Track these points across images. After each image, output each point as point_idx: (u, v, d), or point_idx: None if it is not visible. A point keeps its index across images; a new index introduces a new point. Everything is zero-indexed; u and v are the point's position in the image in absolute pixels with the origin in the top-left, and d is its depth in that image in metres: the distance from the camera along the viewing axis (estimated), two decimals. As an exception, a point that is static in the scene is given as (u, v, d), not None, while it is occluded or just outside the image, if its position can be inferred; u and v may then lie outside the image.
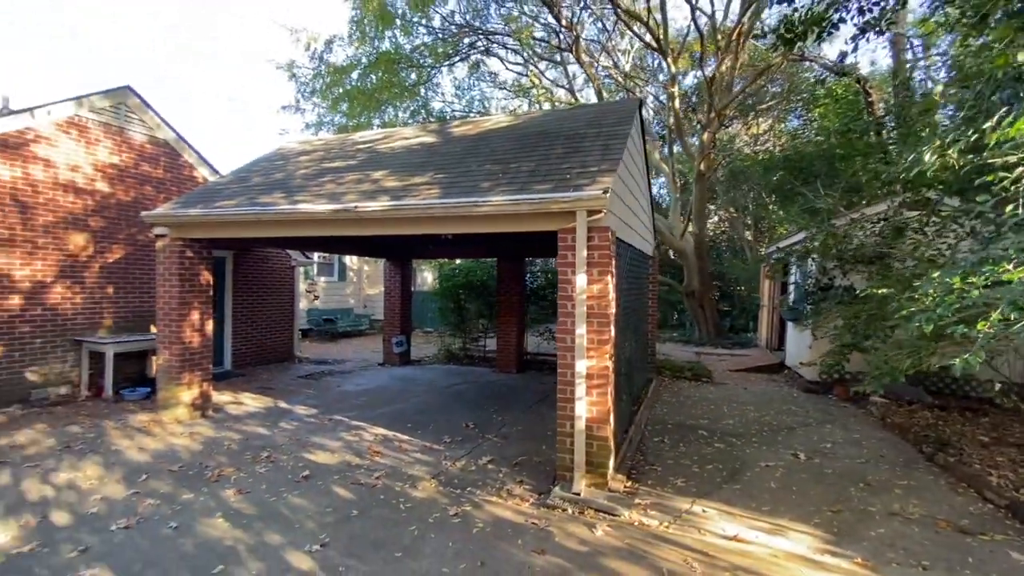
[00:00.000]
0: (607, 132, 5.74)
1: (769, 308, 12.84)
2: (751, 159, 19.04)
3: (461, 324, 12.19)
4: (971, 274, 2.95)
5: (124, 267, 8.15)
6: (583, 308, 4.43)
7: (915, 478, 4.87)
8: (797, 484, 4.71)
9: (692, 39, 13.40)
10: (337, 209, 5.25)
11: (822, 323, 8.30)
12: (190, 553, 3.37)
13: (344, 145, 8.14)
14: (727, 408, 7.58)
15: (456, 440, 5.82)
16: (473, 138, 6.78)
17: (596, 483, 4.47)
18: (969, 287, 2.86)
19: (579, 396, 4.45)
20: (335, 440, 5.77)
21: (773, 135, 22.33)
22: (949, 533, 3.79)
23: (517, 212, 4.59)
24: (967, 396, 7.52)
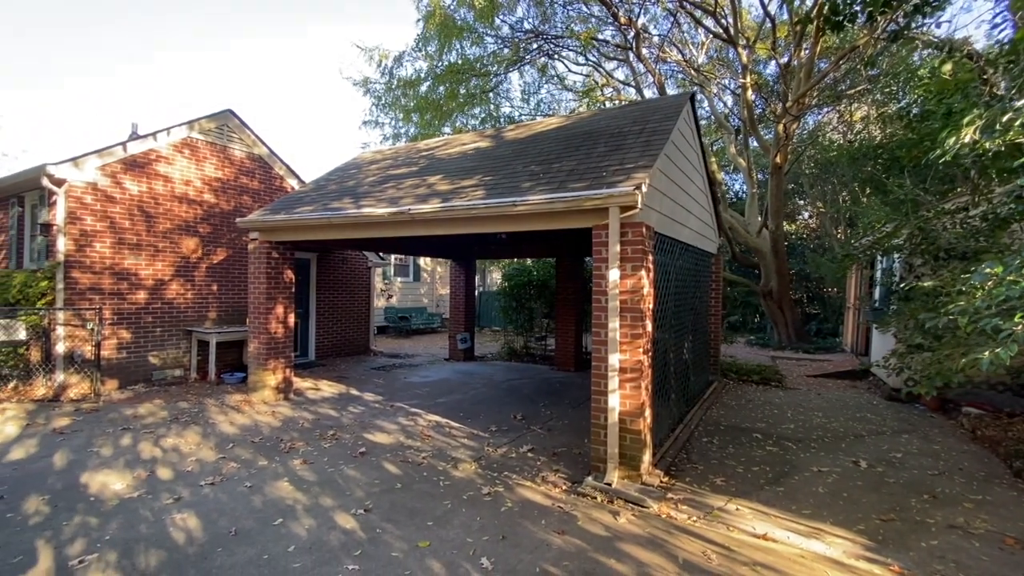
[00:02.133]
0: (650, 129, 5.75)
1: (854, 310, 11.85)
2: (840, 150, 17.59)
3: (523, 322, 12.48)
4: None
5: (226, 267, 9.34)
6: (616, 303, 4.53)
7: (993, 493, 4.41)
8: (849, 491, 4.45)
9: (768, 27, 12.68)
10: (393, 212, 5.74)
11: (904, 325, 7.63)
12: (257, 507, 3.93)
13: (409, 153, 8.76)
14: (791, 413, 7.20)
15: (502, 429, 6.10)
16: (523, 141, 7.05)
17: (629, 476, 4.53)
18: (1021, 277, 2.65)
19: (612, 389, 4.54)
20: (393, 424, 6.28)
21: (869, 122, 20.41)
22: (1016, 551, 3.44)
23: (552, 210, 4.78)
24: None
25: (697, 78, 15.59)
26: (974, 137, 2.87)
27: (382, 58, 14.88)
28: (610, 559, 3.27)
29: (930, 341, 4.98)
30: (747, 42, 12.83)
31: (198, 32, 58.04)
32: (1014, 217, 6.01)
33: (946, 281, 4.27)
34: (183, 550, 3.32)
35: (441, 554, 3.30)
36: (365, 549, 3.35)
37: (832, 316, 17.97)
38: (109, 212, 7.82)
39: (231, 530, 3.57)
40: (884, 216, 7.85)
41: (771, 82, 17.66)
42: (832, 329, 17.16)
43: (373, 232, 6.24)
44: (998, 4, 14.81)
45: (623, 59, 15.16)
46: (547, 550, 3.37)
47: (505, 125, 13.05)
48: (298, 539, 3.47)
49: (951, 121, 11.32)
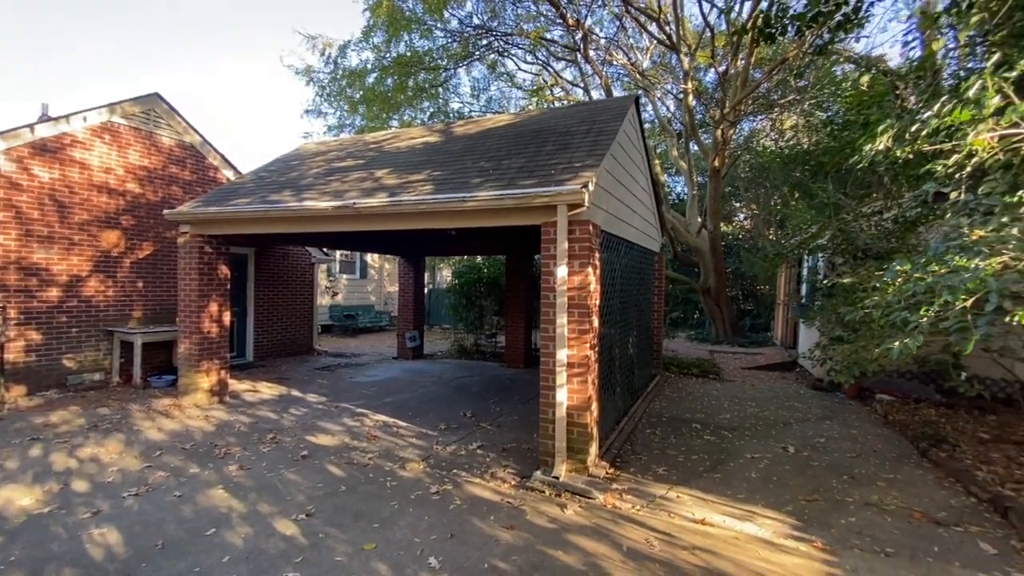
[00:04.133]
0: (597, 129, 5.87)
1: (784, 306, 12.65)
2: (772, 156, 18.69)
3: (473, 320, 12.44)
4: (931, 262, 2.98)
5: (153, 263, 8.71)
6: (563, 299, 4.59)
7: (903, 472, 4.84)
8: (779, 475, 4.75)
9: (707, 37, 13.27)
10: (338, 206, 5.55)
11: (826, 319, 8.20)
12: (188, 517, 3.69)
13: (356, 145, 8.50)
14: (727, 404, 7.59)
15: (452, 427, 6.06)
16: (473, 137, 7.02)
17: (576, 468, 4.62)
18: (926, 275, 2.91)
19: (560, 384, 4.61)
20: (338, 425, 6.08)
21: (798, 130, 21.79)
22: (922, 524, 3.79)
23: (501, 207, 4.78)
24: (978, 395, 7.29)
25: (642, 82, 16.09)
26: (888, 145, 3.14)
27: (326, 47, 14.35)
28: (557, 551, 3.32)
29: (848, 334, 5.39)
30: (689, 50, 13.37)
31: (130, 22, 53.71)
32: (920, 220, 6.61)
33: (863, 278, 4.63)
34: (102, 567, 3.07)
35: (387, 556, 3.23)
36: (307, 555, 3.23)
37: (764, 312, 19.10)
38: (15, 201, 7.09)
39: (158, 543, 3.34)
40: (810, 218, 8.41)
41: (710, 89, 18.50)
42: (764, 324, 18.24)
43: (316, 227, 6.01)
44: (910, 24, 16.11)
45: (571, 60, 15.40)
46: (495, 546, 3.38)
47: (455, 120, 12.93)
48: (234, 549, 3.29)
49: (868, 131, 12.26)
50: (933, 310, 2.57)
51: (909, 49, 8.46)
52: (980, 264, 2.26)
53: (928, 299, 2.72)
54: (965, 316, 2.37)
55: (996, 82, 2.34)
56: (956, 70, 7.93)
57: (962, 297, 2.40)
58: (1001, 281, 2.09)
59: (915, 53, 6.83)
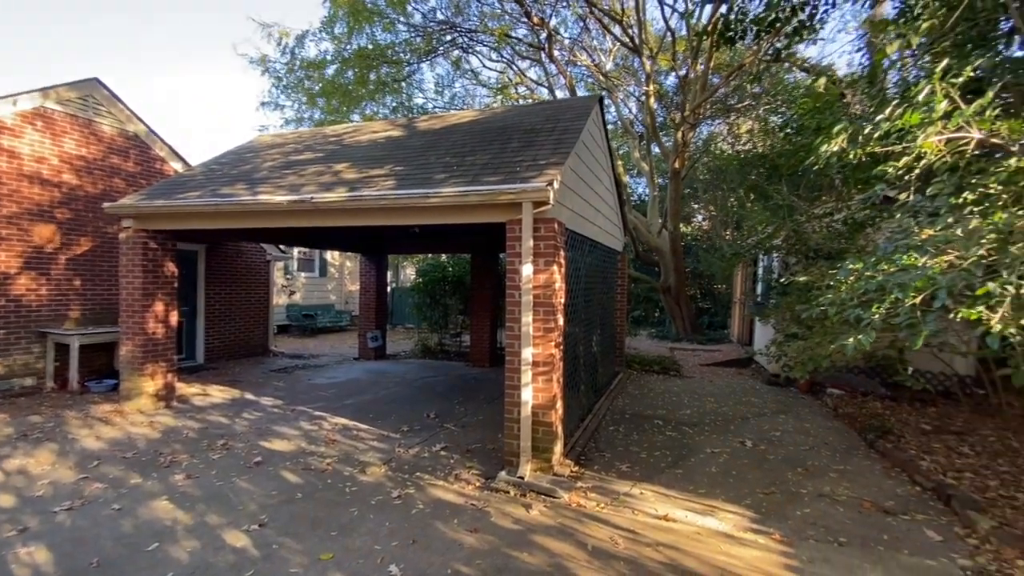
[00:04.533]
0: (562, 127, 5.86)
1: (740, 304, 13.06)
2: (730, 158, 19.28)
3: (437, 319, 12.27)
4: (881, 261, 3.09)
5: (92, 259, 8.15)
6: (529, 297, 4.55)
7: (852, 463, 5.04)
8: (737, 469, 4.86)
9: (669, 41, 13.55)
10: (294, 200, 5.32)
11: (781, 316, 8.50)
12: (127, 532, 3.44)
13: (315, 139, 8.21)
14: (688, 399, 7.74)
15: (415, 429, 5.92)
16: (437, 132, 6.88)
17: (541, 467, 4.58)
18: (876, 273, 3.01)
19: (525, 383, 4.56)
20: (294, 429, 5.84)
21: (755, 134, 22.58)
22: (872, 513, 3.95)
23: (466, 203, 4.69)
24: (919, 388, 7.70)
25: (605, 83, 16.28)
26: (842, 146, 3.25)
27: (282, 36, 13.82)
28: (522, 553, 3.26)
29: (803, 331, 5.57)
30: (650, 53, 13.60)
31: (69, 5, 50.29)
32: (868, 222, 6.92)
33: (816, 277, 4.79)
34: (28, 590, 2.81)
35: (345, 565, 3.10)
36: (259, 568, 3.05)
37: (721, 310, 19.69)
38: (-69, 191, 6.47)
39: (92, 561, 3.09)
40: (765, 219, 8.69)
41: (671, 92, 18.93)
42: (721, 322, 18.80)
43: (271, 222, 5.74)
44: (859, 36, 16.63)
45: (536, 59, 15.42)
46: (459, 550, 3.29)
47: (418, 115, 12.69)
48: (178, 565, 3.08)
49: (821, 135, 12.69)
50: (884, 307, 2.65)
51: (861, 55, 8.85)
52: (929, 263, 2.35)
53: (879, 297, 2.81)
54: (915, 313, 2.46)
55: (944, 87, 2.44)
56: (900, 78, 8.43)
57: (912, 294, 2.48)
58: (949, 279, 2.18)
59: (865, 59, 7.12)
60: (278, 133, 10.00)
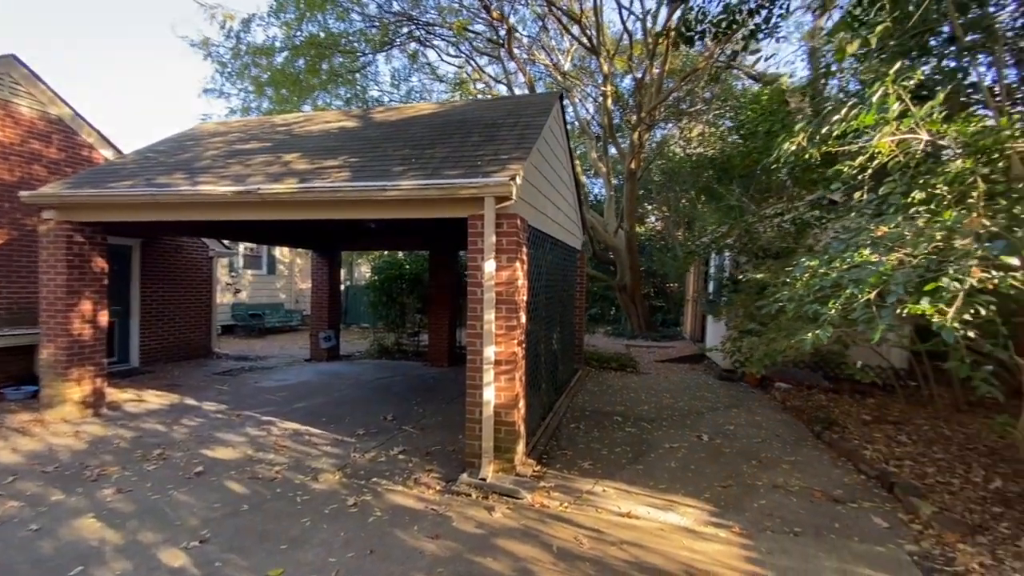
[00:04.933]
0: (524, 123, 5.78)
1: (693, 301, 13.45)
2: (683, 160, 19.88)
3: (394, 318, 11.95)
4: (834, 259, 3.19)
5: (7, 254, 7.40)
6: (491, 295, 4.44)
7: (802, 454, 5.23)
8: (695, 463, 4.94)
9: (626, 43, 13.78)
10: (239, 191, 4.99)
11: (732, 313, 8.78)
12: (47, 555, 3.09)
13: (262, 127, 7.77)
14: (645, 395, 7.86)
15: (371, 432, 5.69)
16: (394, 124, 6.65)
17: (504, 468, 4.49)
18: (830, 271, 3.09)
19: (487, 382, 4.45)
20: (239, 436, 5.49)
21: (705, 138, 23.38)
22: (823, 503, 4.09)
23: (426, 197, 4.53)
24: (857, 380, 8.13)
25: (563, 83, 16.37)
26: (802, 144, 3.34)
27: (227, 19, 13.05)
28: (486, 558, 3.16)
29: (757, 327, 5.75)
30: (608, 54, 13.77)
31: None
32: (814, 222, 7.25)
33: (771, 275, 4.93)
34: (-80, 629, 2.45)
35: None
36: (200, 588, 2.80)
37: (674, 308, 20.26)
38: None
39: (2, 591, 2.74)
40: (719, 219, 8.95)
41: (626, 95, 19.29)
42: (674, 320, 19.33)
43: (214, 214, 5.36)
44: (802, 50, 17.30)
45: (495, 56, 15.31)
46: (420, 558, 3.15)
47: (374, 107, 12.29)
48: (105, 589, 2.78)
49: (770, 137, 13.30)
50: (840, 303, 2.71)
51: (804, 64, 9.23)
52: (884, 259, 2.42)
53: (835, 293, 2.88)
54: (870, 308, 2.52)
55: (896, 89, 2.53)
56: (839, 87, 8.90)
57: (867, 290, 2.55)
58: (903, 274, 2.25)
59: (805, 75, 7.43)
60: (222, 121, 9.43)
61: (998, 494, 4.13)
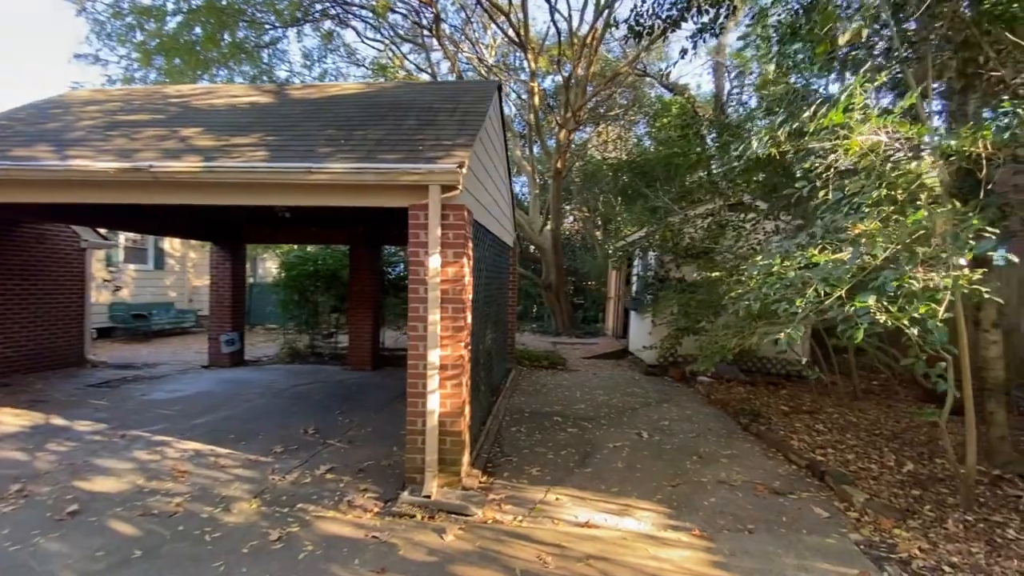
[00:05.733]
0: (464, 109, 5.42)
1: (615, 299, 13.83)
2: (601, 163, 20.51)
3: (307, 318, 10.99)
4: (786, 258, 3.21)
5: None
6: (436, 293, 4.05)
7: (736, 447, 5.41)
8: (641, 462, 4.90)
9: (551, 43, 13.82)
10: (125, 168, 4.14)
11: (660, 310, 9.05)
12: None
13: (151, 98, 6.65)
14: (580, 393, 7.83)
15: (290, 449, 5.03)
16: (316, 102, 5.97)
17: (449, 482, 4.13)
18: (786, 269, 3.10)
19: (431, 389, 4.06)
20: (125, 461, 4.60)
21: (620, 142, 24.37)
22: (766, 496, 4.19)
23: (361, 183, 4.03)
24: (769, 372, 8.74)
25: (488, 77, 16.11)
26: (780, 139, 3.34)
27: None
28: (444, 590, 2.80)
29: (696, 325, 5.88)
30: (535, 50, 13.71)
31: None
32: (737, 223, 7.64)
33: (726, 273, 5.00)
34: None
35: (214, 646, 2.35)
36: (77, 673, 2.17)
37: (592, 306, 20.84)
38: None
39: None
40: (644, 220, 9.17)
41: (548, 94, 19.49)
42: (593, 317, 19.87)
43: (90, 196, 4.42)
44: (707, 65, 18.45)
45: (419, 43, 14.67)
46: (366, 598, 2.72)
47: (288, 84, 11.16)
48: None
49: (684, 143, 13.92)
50: (810, 299, 2.69)
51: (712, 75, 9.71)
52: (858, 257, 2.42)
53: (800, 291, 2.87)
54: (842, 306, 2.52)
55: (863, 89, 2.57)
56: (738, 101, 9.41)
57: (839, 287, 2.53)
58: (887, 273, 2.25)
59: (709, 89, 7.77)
60: (99, 89, 8.02)
61: (912, 477, 4.49)
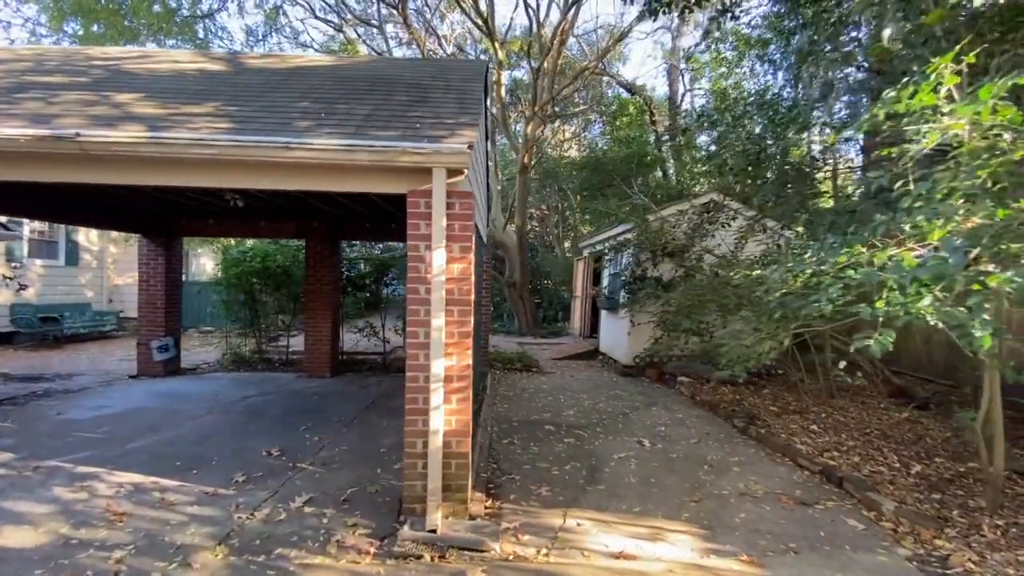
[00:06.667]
0: (457, 87, 4.85)
1: (582, 299, 13.61)
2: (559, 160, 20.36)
3: (255, 321, 9.94)
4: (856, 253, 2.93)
5: None
6: (442, 293, 3.49)
7: (740, 453, 5.19)
8: (653, 475, 4.56)
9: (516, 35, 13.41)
10: (42, 136, 3.28)
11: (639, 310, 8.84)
12: None
13: (71, 59, 5.55)
14: (563, 398, 7.45)
15: (255, 477, 4.27)
16: (279, 72, 5.18)
17: (454, 511, 3.58)
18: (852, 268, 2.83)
19: (435, 405, 3.48)
20: (43, 503, 3.69)
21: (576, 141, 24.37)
22: (793, 508, 3.95)
23: (351, 163, 3.39)
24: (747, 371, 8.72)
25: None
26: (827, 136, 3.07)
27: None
28: (485, 659, 2.28)
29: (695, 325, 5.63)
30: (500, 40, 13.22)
31: None
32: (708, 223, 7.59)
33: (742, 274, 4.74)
34: None
35: None
36: None
37: (551, 305, 20.64)
38: None
39: None
40: (623, 217, 8.94)
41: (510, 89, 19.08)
42: (553, 316, 19.65)
43: (-8, 171, 3.50)
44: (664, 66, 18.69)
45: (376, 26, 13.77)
46: None
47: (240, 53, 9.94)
48: None
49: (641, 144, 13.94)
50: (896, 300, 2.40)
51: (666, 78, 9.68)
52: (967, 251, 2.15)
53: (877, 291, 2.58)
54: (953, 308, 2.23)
55: (953, 69, 2.31)
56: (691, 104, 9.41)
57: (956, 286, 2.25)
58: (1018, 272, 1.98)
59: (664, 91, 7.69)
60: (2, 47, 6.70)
61: (923, 479, 4.42)
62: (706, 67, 17.38)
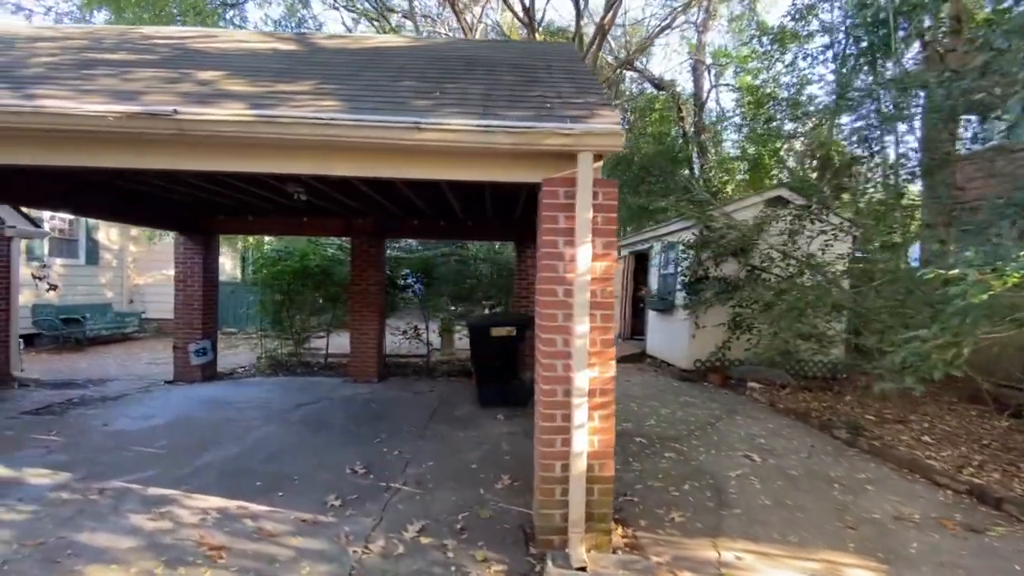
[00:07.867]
0: (560, 67, 4.39)
1: (621, 299, 13.15)
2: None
3: (292, 322, 9.48)
4: None
5: None
6: (586, 295, 3.04)
7: (861, 469, 4.76)
8: (785, 495, 4.12)
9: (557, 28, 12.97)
10: (136, 113, 2.82)
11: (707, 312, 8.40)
12: None
13: (125, 37, 5.07)
14: (634, 406, 7.00)
15: (349, 500, 3.82)
16: (359, 52, 4.71)
17: (598, 543, 3.14)
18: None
19: (579, 423, 3.05)
20: (123, 534, 3.23)
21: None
22: (965, 536, 3.51)
23: (486, 147, 2.95)
24: (807, 376, 8.27)
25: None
26: None
27: None
28: None
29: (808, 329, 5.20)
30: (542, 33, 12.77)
31: None
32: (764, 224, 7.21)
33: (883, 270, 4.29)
34: None
35: None
36: None
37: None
38: None
39: None
40: (684, 211, 8.49)
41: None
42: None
43: (70, 155, 3.04)
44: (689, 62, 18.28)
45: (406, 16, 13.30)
46: None
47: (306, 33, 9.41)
48: None
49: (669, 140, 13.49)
50: None
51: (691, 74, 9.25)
52: None
53: None
54: None
55: None
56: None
57: None
58: None
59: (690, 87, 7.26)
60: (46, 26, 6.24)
61: (1089, 500, 3.98)
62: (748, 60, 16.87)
